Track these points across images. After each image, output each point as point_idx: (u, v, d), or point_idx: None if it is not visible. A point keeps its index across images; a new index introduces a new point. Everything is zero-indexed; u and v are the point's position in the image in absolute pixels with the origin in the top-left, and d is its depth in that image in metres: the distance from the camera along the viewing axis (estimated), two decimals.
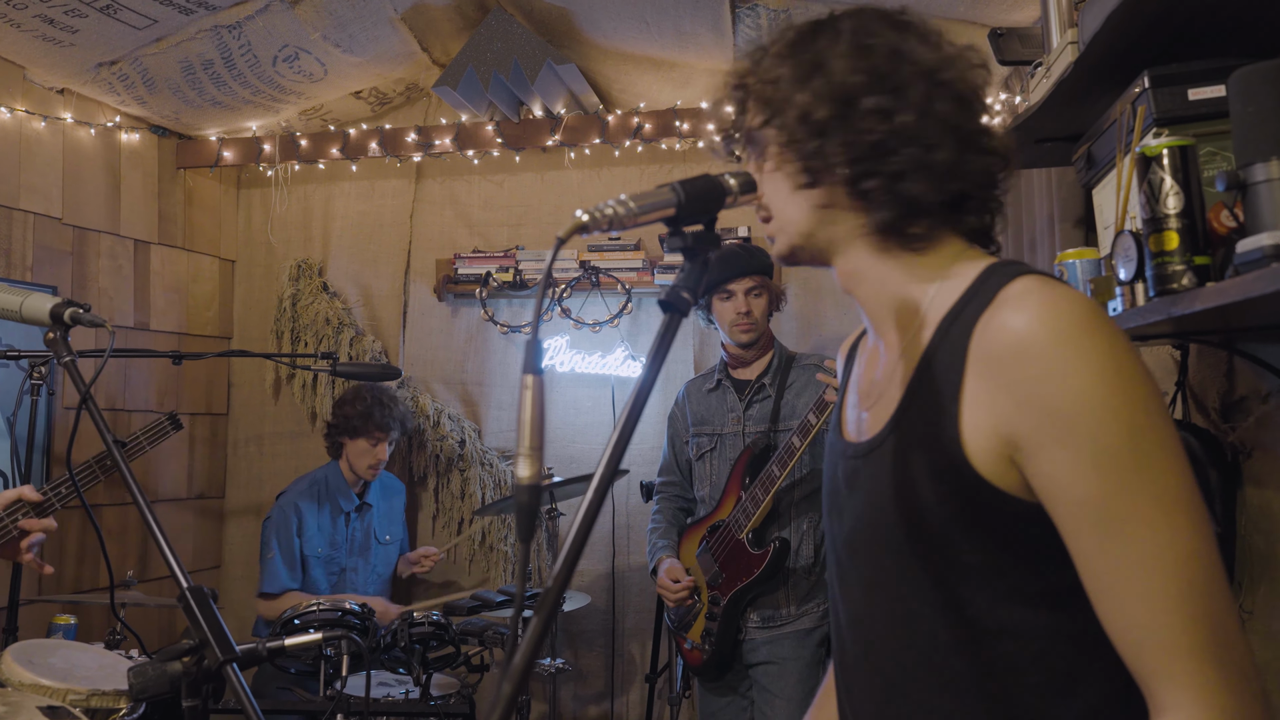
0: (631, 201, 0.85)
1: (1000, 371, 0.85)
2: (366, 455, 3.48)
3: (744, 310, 2.70)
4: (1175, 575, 0.78)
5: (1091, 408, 0.80)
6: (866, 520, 0.99)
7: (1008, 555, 0.88)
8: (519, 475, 0.76)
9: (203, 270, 4.15)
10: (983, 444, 0.86)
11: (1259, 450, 1.53)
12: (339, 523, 3.49)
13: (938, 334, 0.93)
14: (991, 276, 0.92)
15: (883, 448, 0.97)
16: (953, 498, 0.89)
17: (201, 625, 1.18)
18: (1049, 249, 2.37)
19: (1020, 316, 0.84)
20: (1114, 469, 0.79)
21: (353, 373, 2.80)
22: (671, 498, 2.99)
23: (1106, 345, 0.81)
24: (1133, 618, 0.79)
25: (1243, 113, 1.03)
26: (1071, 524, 0.82)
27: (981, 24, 2.65)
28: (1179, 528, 0.79)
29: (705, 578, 2.71)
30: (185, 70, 3.39)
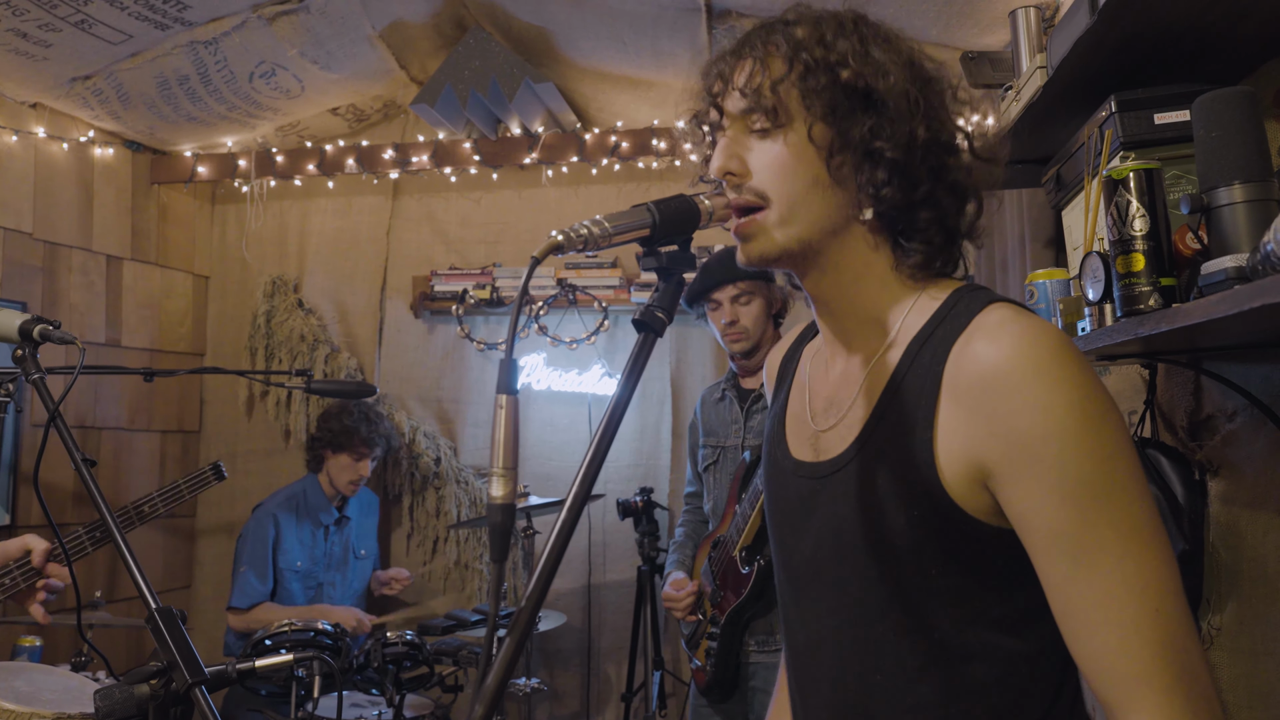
0: (607, 222, 0.85)
1: (975, 400, 0.85)
2: (348, 471, 3.45)
3: (730, 320, 2.58)
4: (1143, 603, 0.79)
5: (1065, 439, 0.81)
6: (831, 543, 0.98)
7: (975, 580, 0.89)
8: (493, 494, 0.76)
9: (176, 286, 4.12)
10: (956, 469, 0.87)
11: (1225, 468, 1.55)
12: (318, 536, 3.46)
13: (906, 356, 0.94)
14: (960, 301, 0.93)
15: (847, 469, 0.96)
16: (923, 522, 0.89)
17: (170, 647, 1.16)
18: (1020, 269, 2.40)
19: (995, 347, 0.85)
20: (1086, 499, 0.81)
21: (327, 390, 2.78)
22: (695, 509, 2.93)
23: (1079, 378, 0.83)
24: (1101, 644, 0.80)
25: (1206, 138, 1.06)
26: (1043, 551, 0.84)
27: (954, 47, 2.69)
28: (1147, 557, 0.80)
29: (709, 594, 2.66)
30: (161, 86, 3.38)
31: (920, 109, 0.92)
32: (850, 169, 0.94)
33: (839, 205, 0.95)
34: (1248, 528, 1.48)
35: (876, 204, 0.94)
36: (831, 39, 0.94)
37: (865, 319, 1.00)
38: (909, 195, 0.94)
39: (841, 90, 0.92)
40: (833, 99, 0.92)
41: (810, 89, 0.93)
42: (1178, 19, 1.25)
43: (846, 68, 0.92)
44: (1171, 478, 1.55)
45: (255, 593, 3.28)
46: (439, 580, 3.92)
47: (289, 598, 3.36)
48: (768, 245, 0.96)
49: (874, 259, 0.98)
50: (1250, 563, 1.48)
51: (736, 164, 0.96)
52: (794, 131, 0.94)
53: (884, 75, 0.92)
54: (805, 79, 0.93)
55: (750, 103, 0.95)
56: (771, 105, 0.94)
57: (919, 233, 0.96)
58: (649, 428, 3.87)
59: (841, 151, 0.93)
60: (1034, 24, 1.87)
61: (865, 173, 0.93)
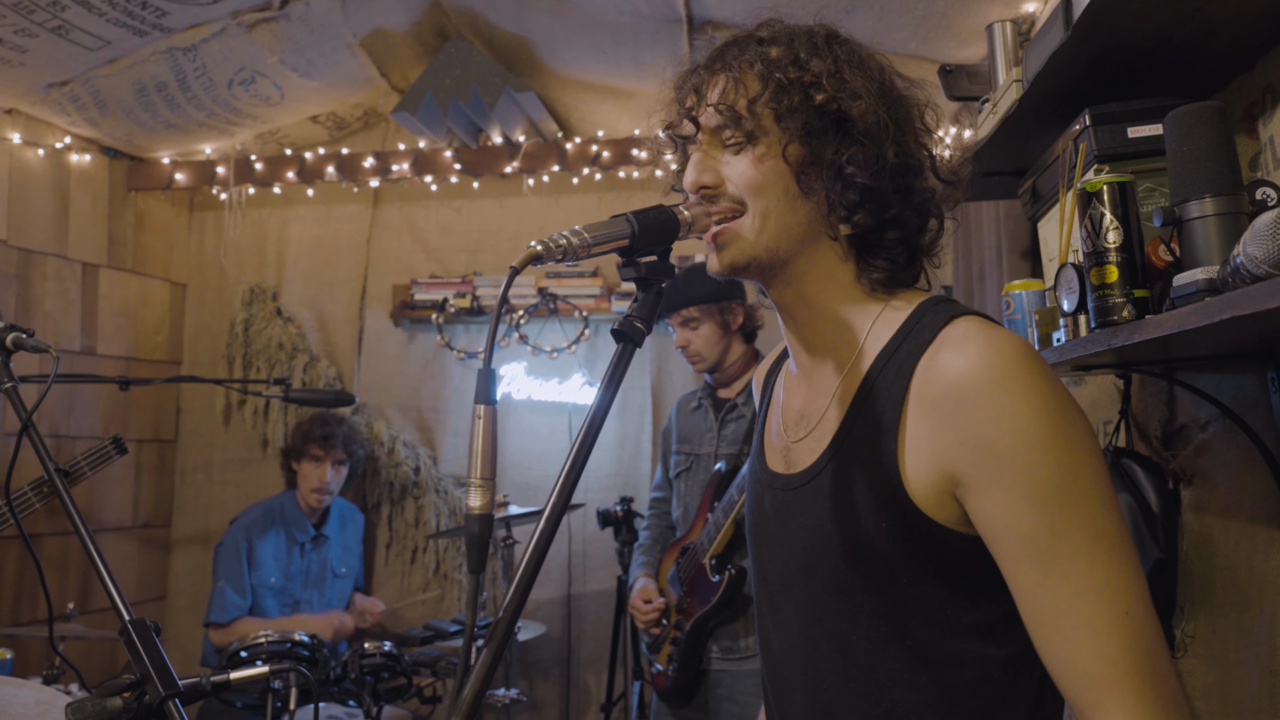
0: (586, 232, 0.86)
1: (943, 410, 0.86)
2: (310, 477, 3.41)
3: (681, 344, 2.70)
4: (1113, 607, 0.80)
5: (1031, 448, 0.82)
6: (803, 553, 0.99)
7: (946, 588, 0.90)
8: (470, 505, 0.76)
9: (153, 294, 4.08)
10: (923, 479, 0.88)
11: (1198, 478, 1.57)
12: (294, 553, 3.42)
13: (873, 368, 0.95)
14: (926, 314, 0.94)
15: (817, 480, 0.97)
16: (892, 531, 0.90)
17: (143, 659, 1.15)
18: (997, 279, 2.42)
19: (962, 358, 0.86)
20: (1053, 506, 0.82)
21: (306, 399, 2.77)
22: (661, 514, 2.95)
23: (1045, 387, 0.84)
24: (1072, 648, 0.81)
25: (1178, 151, 1.07)
26: (1011, 559, 0.84)
27: (932, 59, 2.71)
28: (1114, 562, 0.81)
29: (674, 600, 2.67)
30: (138, 92, 3.35)
31: (890, 132, 0.94)
32: (820, 183, 0.95)
33: (809, 218, 0.97)
34: (1220, 537, 1.50)
35: (850, 224, 0.96)
36: (806, 58, 0.95)
37: (830, 330, 1.01)
38: (879, 217, 0.96)
39: (815, 111, 0.94)
40: (806, 120, 0.94)
41: (785, 109, 0.94)
42: (1150, 34, 1.27)
43: (821, 90, 0.94)
44: (1146, 487, 1.56)
45: (234, 607, 3.25)
46: (417, 592, 3.89)
47: (263, 613, 3.32)
48: (739, 253, 0.97)
49: (839, 271, 0.99)
50: (1223, 571, 1.49)
51: (710, 177, 0.98)
52: (767, 147, 0.95)
53: (856, 99, 0.94)
54: (779, 99, 0.94)
55: (725, 119, 0.96)
56: (747, 124, 0.95)
57: (884, 250, 0.98)
58: (629, 437, 3.87)
59: (813, 168, 0.95)
60: (1010, 38, 1.88)
61: (836, 193, 0.95)
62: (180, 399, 4.19)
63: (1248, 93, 1.36)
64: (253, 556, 3.33)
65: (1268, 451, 1.33)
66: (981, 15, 2.37)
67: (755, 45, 0.98)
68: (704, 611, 2.52)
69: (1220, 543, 1.50)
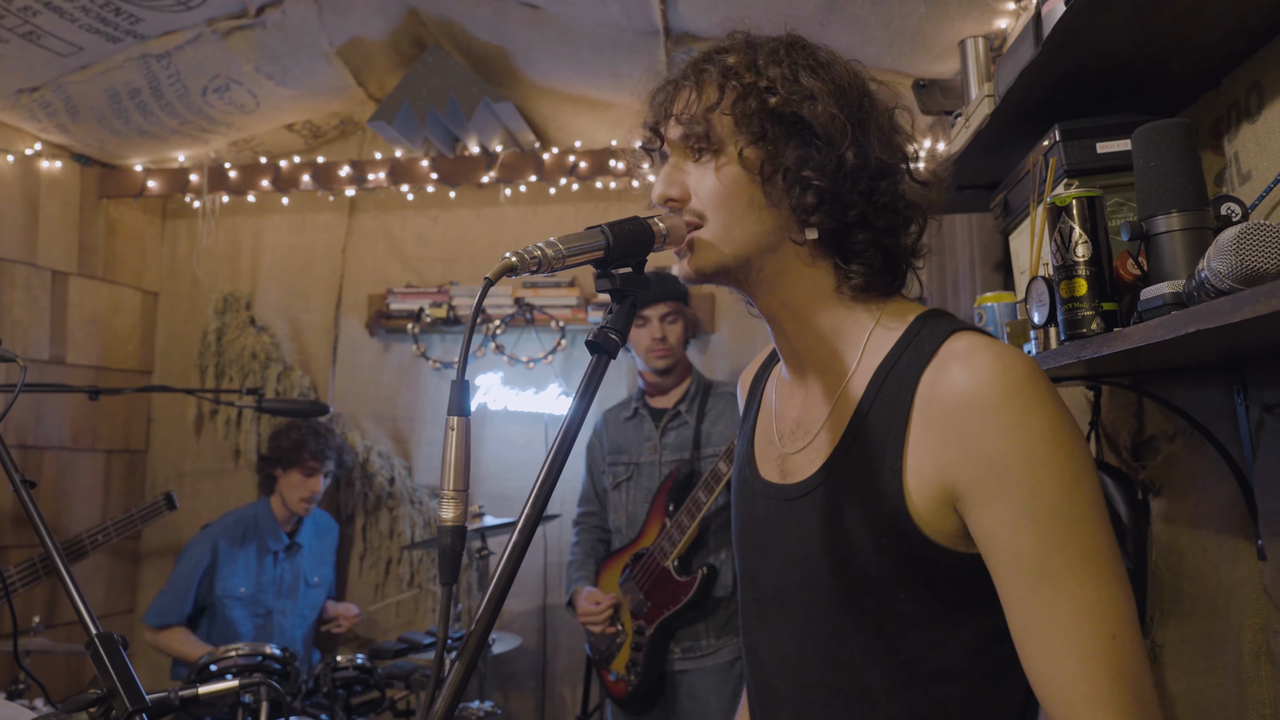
0: (560, 244, 0.86)
1: (948, 424, 0.87)
2: (300, 488, 3.39)
3: (659, 336, 2.71)
4: (1101, 628, 0.81)
5: (1035, 465, 0.83)
6: (798, 565, 0.99)
7: (941, 605, 0.91)
8: (443, 517, 0.76)
9: (124, 302, 4.03)
10: (926, 493, 0.88)
11: (1167, 488, 1.59)
12: (265, 562, 3.38)
13: (873, 384, 0.95)
14: (924, 328, 0.95)
15: (815, 494, 0.97)
16: (891, 547, 0.90)
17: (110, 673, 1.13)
18: (970, 291, 2.45)
19: (970, 374, 0.87)
20: (1051, 524, 0.82)
21: (279, 409, 2.74)
22: (590, 529, 2.97)
23: (1051, 406, 0.85)
24: (1058, 666, 0.82)
25: (1145, 167, 1.09)
26: (1006, 573, 0.85)
27: (906, 74, 2.74)
28: (1105, 585, 0.82)
29: (630, 607, 2.68)
30: (111, 98, 3.32)
31: (849, 135, 0.95)
32: (782, 190, 0.96)
33: (775, 225, 0.97)
34: (1188, 546, 1.52)
35: (808, 228, 0.97)
36: (763, 65, 0.96)
37: (819, 339, 1.01)
38: (839, 219, 0.96)
39: (769, 116, 0.95)
40: (761, 125, 0.95)
41: (740, 114, 0.95)
42: (1119, 52, 1.29)
43: (775, 94, 0.95)
44: (1115, 498, 1.58)
45: (169, 613, 3.21)
46: (390, 606, 3.86)
47: (231, 625, 3.28)
48: (705, 260, 0.98)
49: (815, 278, 1.00)
50: (1191, 581, 1.51)
51: (676, 190, 0.99)
52: (727, 156, 0.96)
53: (812, 101, 0.94)
54: (735, 105, 0.96)
55: (685, 129, 0.98)
56: (704, 132, 0.96)
57: (856, 255, 0.98)
58: None
59: (774, 174, 0.95)
60: (982, 53, 1.91)
61: (796, 196, 0.95)
62: (151, 409, 4.14)
63: (1213, 109, 1.39)
64: (216, 568, 3.29)
65: (1234, 462, 1.35)
66: (955, 31, 2.40)
67: (716, 56, 1.00)
68: (672, 612, 2.53)
69: (1189, 552, 1.52)
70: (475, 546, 3.18)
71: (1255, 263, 0.85)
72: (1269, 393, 1.29)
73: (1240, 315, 0.83)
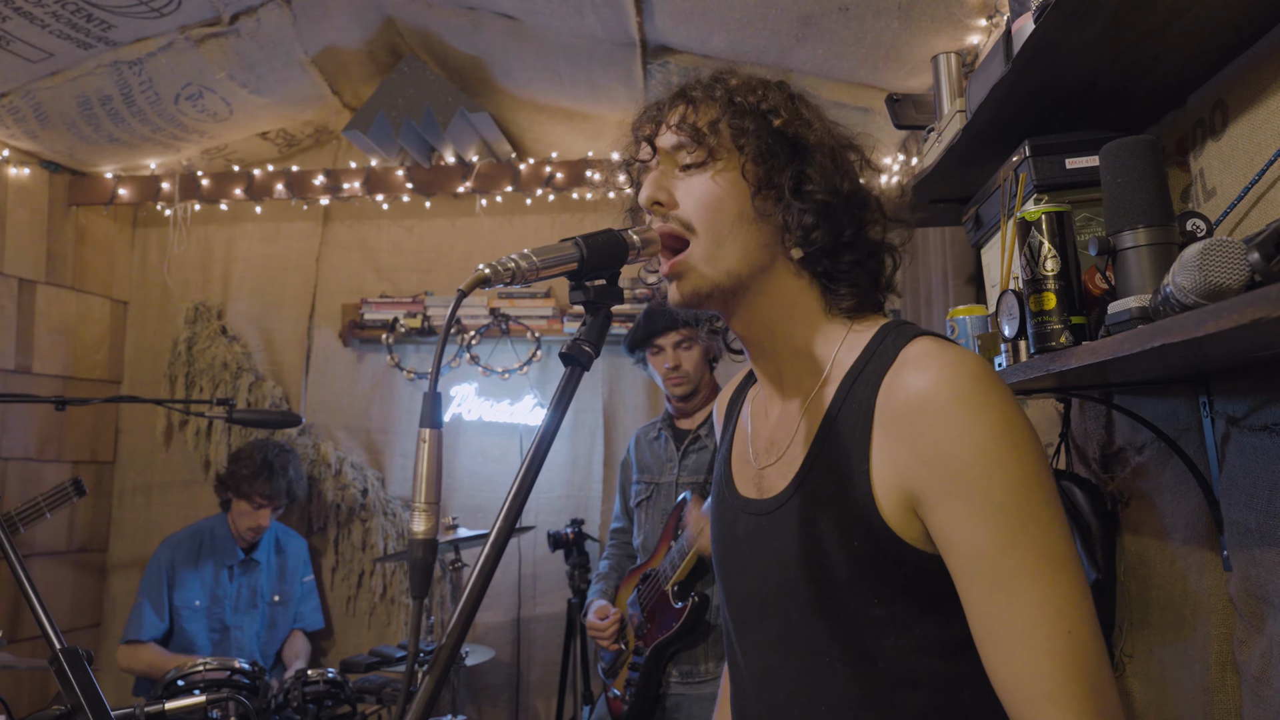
0: (534, 256, 0.86)
1: (904, 428, 0.88)
2: (246, 517, 3.36)
3: (672, 365, 2.69)
4: (1057, 624, 0.82)
5: (987, 464, 0.84)
6: (776, 577, 1.00)
7: (915, 608, 0.91)
8: (414, 530, 0.75)
9: (93, 311, 3.98)
10: (891, 498, 0.90)
11: (1135, 499, 1.61)
12: (221, 576, 3.34)
13: (840, 392, 0.97)
14: (888, 336, 0.96)
15: (788, 505, 0.98)
16: (864, 553, 0.91)
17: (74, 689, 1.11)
18: (943, 304, 2.47)
19: (923, 376, 0.88)
20: (1005, 523, 0.84)
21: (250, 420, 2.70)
22: (621, 544, 2.96)
23: (1003, 407, 0.86)
24: (1016, 663, 0.83)
25: (1112, 183, 1.10)
26: (964, 573, 0.86)
27: (880, 88, 2.77)
28: (1060, 582, 0.83)
29: (633, 626, 2.66)
30: (82, 105, 3.28)
31: (843, 164, 1.00)
32: (775, 206, 0.98)
33: (764, 241, 0.99)
34: (1156, 557, 1.54)
35: (805, 245, 0.99)
36: (763, 91, 1.01)
37: (797, 357, 1.03)
38: (836, 239, 0.99)
39: (772, 135, 0.98)
40: (763, 141, 0.98)
41: (743, 129, 0.98)
42: (1087, 69, 1.31)
43: (778, 116, 0.99)
44: (1085, 509, 1.60)
45: (150, 627, 3.17)
46: (364, 616, 3.82)
47: (188, 638, 3.24)
48: (698, 281, 0.99)
49: (801, 297, 1.02)
50: (1159, 591, 1.53)
51: (664, 194, 1.00)
52: (722, 167, 0.98)
53: (811, 128, 0.99)
54: (738, 120, 0.98)
55: (684, 137, 0.99)
56: (708, 141, 0.98)
57: (845, 275, 1.01)
58: (581, 459, 3.85)
59: (768, 189, 0.98)
60: (954, 69, 1.93)
61: (794, 214, 0.98)
62: (120, 419, 4.08)
63: (1179, 127, 1.41)
64: (175, 578, 3.26)
65: (1199, 474, 1.37)
66: (928, 46, 2.43)
67: (714, 80, 1.03)
68: (665, 637, 2.52)
69: (1156, 563, 1.54)
70: (449, 559, 3.16)
71: (1218, 278, 0.86)
72: (1234, 405, 1.31)
73: (1204, 330, 0.85)
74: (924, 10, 2.28)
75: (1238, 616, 1.30)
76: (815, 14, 2.42)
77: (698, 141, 0.98)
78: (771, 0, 2.40)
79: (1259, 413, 1.25)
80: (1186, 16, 1.13)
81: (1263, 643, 1.23)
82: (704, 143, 0.98)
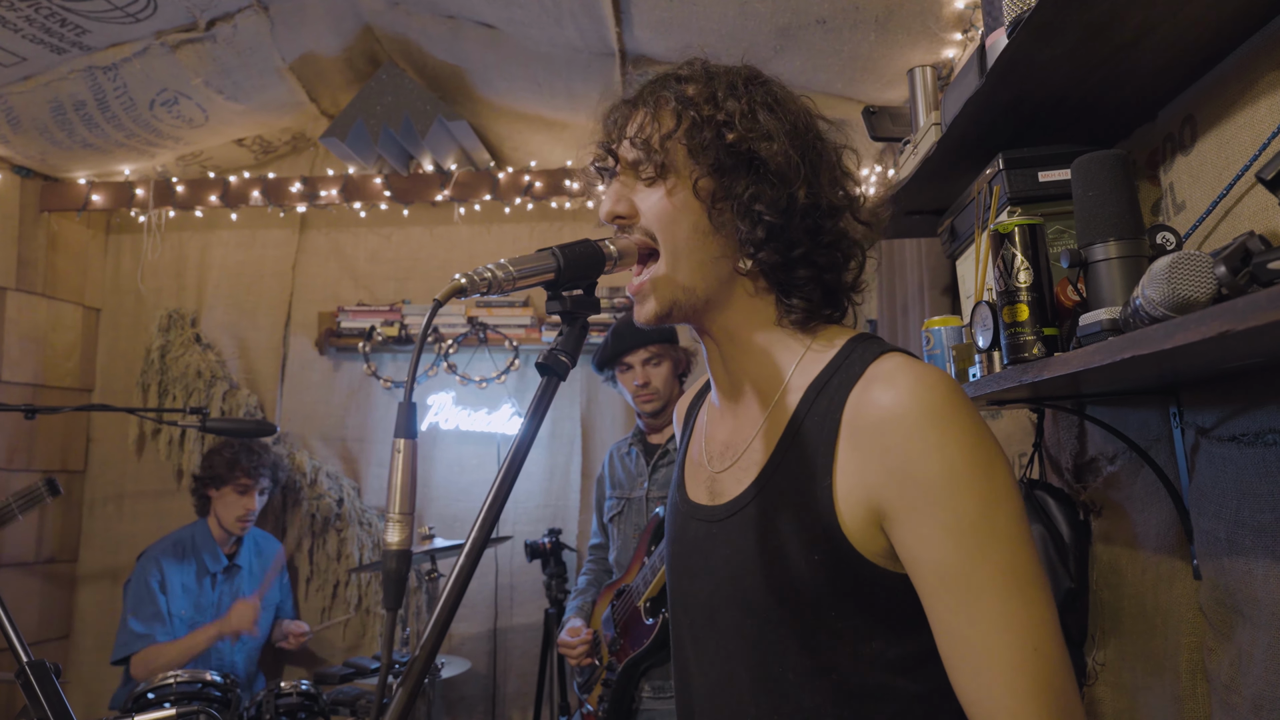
0: (511, 265, 0.85)
1: (872, 443, 0.88)
2: (234, 506, 3.31)
3: (642, 382, 2.70)
4: (1024, 641, 0.82)
5: (954, 482, 0.84)
6: (729, 585, 0.99)
7: (872, 622, 0.91)
8: (388, 541, 0.75)
9: (64, 318, 3.93)
10: (854, 511, 0.89)
11: (1108, 509, 1.63)
12: (204, 584, 3.30)
13: (804, 402, 0.96)
14: (855, 350, 0.96)
15: (745, 512, 0.98)
16: (822, 564, 0.91)
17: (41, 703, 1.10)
18: (919, 314, 2.48)
19: (891, 393, 0.88)
20: (971, 540, 0.84)
21: (224, 429, 2.68)
22: (598, 560, 2.96)
23: (970, 424, 0.86)
24: (981, 682, 0.83)
25: (1083, 196, 1.12)
26: (930, 590, 0.86)
27: (857, 100, 2.79)
28: (1028, 598, 0.83)
29: (607, 642, 2.66)
30: (55, 110, 3.25)
31: (801, 174, 0.97)
32: (731, 218, 0.98)
33: (720, 253, 0.99)
34: (1128, 566, 1.55)
35: (756, 261, 0.99)
36: (722, 98, 0.98)
37: (755, 364, 1.03)
38: (785, 255, 0.98)
39: (726, 149, 0.97)
40: (717, 157, 0.97)
41: (697, 145, 0.97)
42: (1059, 84, 1.32)
43: (733, 129, 0.97)
44: (1058, 518, 1.61)
45: (138, 638, 3.11)
46: (338, 627, 3.79)
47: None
48: (660, 301, 1.00)
49: (758, 306, 1.02)
50: (1130, 600, 1.54)
51: (624, 206, 1.01)
52: (678, 182, 0.98)
53: (768, 139, 0.97)
54: (692, 135, 0.97)
55: (639, 154, 0.99)
56: (659, 158, 0.98)
57: (797, 289, 1.00)
58: (558, 468, 3.84)
59: (723, 202, 0.97)
60: (930, 82, 1.95)
61: (745, 229, 0.97)
62: (91, 428, 4.03)
63: (1150, 141, 1.43)
64: (165, 584, 3.20)
65: (1170, 484, 1.38)
66: (904, 59, 2.45)
67: (674, 83, 1.01)
68: (636, 654, 2.52)
69: (1128, 572, 1.55)
70: (425, 569, 3.14)
71: (1186, 291, 0.88)
72: (1203, 416, 1.32)
73: (1173, 342, 0.86)
74: (900, 24, 2.30)
75: (1207, 625, 1.32)
76: (793, 26, 2.44)
77: (651, 158, 0.98)
78: (750, 12, 2.42)
79: (1227, 423, 1.26)
80: (1156, 34, 1.15)
81: (1232, 651, 1.24)
82: (656, 159, 0.98)
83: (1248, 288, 0.85)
